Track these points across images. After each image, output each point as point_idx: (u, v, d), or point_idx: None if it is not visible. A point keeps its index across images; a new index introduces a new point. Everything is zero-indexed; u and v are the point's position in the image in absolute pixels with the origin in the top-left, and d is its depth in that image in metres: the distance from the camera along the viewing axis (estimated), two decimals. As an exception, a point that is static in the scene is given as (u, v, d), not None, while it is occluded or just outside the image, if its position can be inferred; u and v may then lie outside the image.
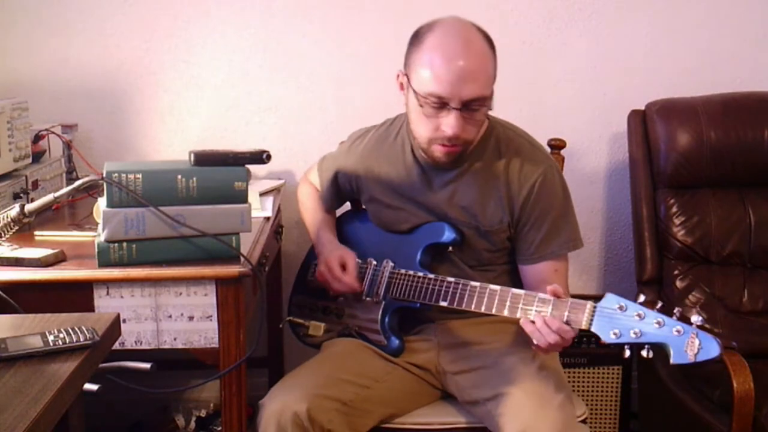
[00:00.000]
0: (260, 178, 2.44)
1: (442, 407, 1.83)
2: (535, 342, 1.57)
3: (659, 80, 2.45)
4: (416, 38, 1.69)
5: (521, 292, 1.62)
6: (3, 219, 1.61)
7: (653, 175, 2.33)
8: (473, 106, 1.63)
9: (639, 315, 1.46)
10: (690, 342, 1.41)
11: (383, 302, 1.81)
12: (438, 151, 1.70)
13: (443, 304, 1.71)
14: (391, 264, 1.82)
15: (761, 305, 2.24)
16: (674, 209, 2.29)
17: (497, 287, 1.66)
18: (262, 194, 2.24)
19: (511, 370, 1.70)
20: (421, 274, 1.76)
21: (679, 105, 2.31)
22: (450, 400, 1.84)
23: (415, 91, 1.65)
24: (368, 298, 1.83)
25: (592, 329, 1.50)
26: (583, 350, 2.29)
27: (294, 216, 2.53)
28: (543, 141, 2.13)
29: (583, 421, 1.78)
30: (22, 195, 1.92)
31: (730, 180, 2.29)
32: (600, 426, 2.35)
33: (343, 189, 1.98)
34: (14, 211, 1.61)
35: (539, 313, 1.57)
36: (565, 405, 1.62)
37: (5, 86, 2.38)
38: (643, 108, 2.37)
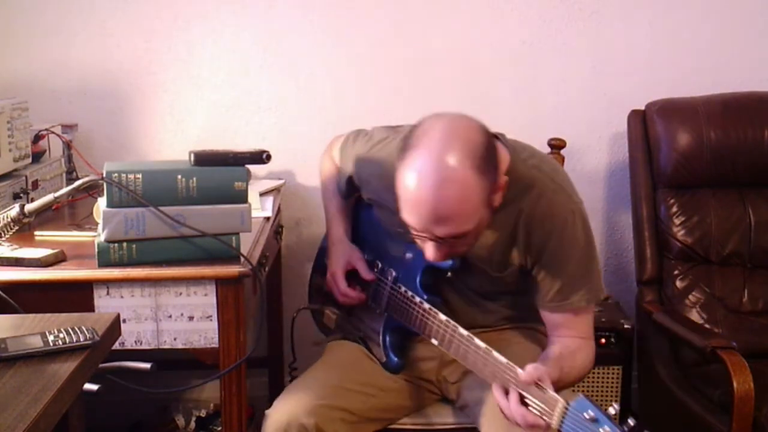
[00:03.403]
0: (260, 178, 2.44)
1: (441, 408, 1.83)
2: (500, 410, 1.45)
3: (659, 80, 2.45)
4: (406, 142, 1.47)
5: (503, 362, 1.46)
6: (3, 219, 1.61)
7: (653, 175, 2.33)
8: (455, 238, 1.46)
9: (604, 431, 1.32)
10: None
11: (384, 315, 1.77)
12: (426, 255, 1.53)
13: (434, 342, 1.62)
14: (393, 275, 1.75)
15: (761, 305, 2.24)
16: (674, 209, 2.29)
17: (482, 345, 1.51)
18: (262, 194, 2.23)
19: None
20: (417, 300, 1.66)
21: (679, 105, 2.31)
22: (450, 401, 1.84)
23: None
24: (372, 304, 1.80)
25: (562, 430, 1.37)
26: (583, 350, 2.29)
27: (294, 216, 2.53)
28: (543, 141, 2.14)
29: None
30: (22, 195, 1.91)
31: (730, 180, 2.29)
32: (600, 426, 2.34)
33: (358, 188, 1.86)
34: (14, 211, 1.61)
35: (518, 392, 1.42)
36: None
37: (5, 86, 2.38)
38: (643, 108, 2.37)
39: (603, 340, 2.27)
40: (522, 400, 1.41)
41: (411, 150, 1.44)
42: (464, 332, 1.56)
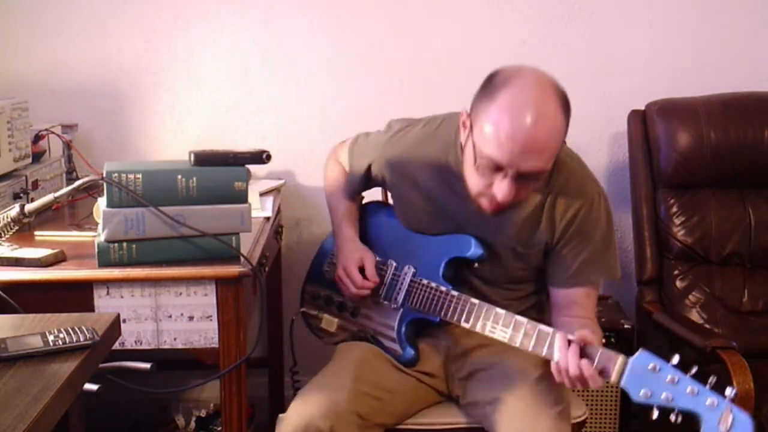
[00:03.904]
0: (260, 178, 2.44)
1: (443, 408, 1.83)
2: (555, 375, 1.51)
3: (659, 80, 2.45)
4: (489, 87, 1.55)
5: (549, 330, 1.54)
6: (3, 219, 1.61)
7: (653, 175, 2.33)
8: (530, 177, 1.54)
9: (672, 379, 1.40)
10: (723, 417, 1.35)
11: (401, 310, 1.78)
12: (485, 204, 1.60)
13: (465, 325, 1.65)
14: (412, 270, 1.77)
15: (761, 305, 2.24)
16: (674, 209, 2.29)
17: (524, 319, 1.58)
18: (262, 194, 2.24)
19: (512, 376, 1.67)
20: (444, 288, 1.71)
21: (679, 105, 2.31)
22: (451, 400, 1.84)
23: (474, 144, 1.55)
24: (386, 302, 1.80)
25: (622, 385, 1.43)
26: (583, 350, 2.29)
27: (294, 216, 2.53)
28: (543, 141, 2.14)
29: (583, 422, 1.78)
30: (22, 195, 1.91)
31: (730, 180, 2.29)
32: (600, 426, 2.35)
33: (374, 180, 1.89)
34: (14, 211, 1.61)
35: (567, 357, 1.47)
36: (561, 419, 1.59)
37: (5, 86, 2.38)
38: (643, 108, 2.37)
39: (603, 340, 2.26)
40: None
41: (501, 90, 1.51)
42: (501, 311, 1.62)
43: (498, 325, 1.61)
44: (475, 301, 1.66)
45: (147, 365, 1.58)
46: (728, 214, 2.27)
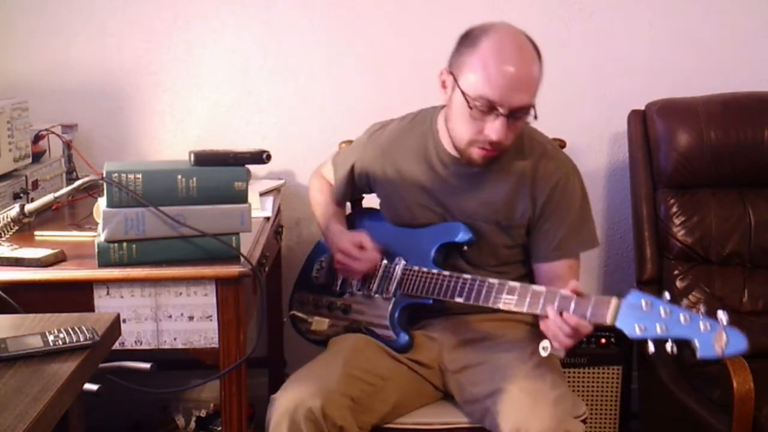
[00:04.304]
0: (260, 178, 2.44)
1: (442, 407, 1.83)
2: (551, 339, 1.56)
3: (659, 80, 2.45)
4: (468, 40, 1.70)
5: (542, 289, 1.60)
6: (3, 219, 1.61)
7: (653, 175, 2.33)
8: (519, 114, 1.66)
9: (666, 311, 1.45)
10: (717, 337, 1.39)
11: (393, 298, 1.82)
12: (476, 153, 1.71)
13: (459, 300, 1.71)
14: (403, 262, 1.83)
15: (761, 305, 2.24)
16: (674, 209, 2.29)
17: (517, 284, 1.64)
18: (262, 194, 2.24)
19: (509, 366, 1.69)
20: (435, 270, 1.76)
21: (679, 105, 2.31)
22: (450, 400, 1.84)
23: (463, 92, 1.65)
24: (377, 295, 1.84)
25: (617, 325, 1.49)
26: (583, 350, 2.29)
27: (294, 216, 2.53)
28: (543, 141, 2.14)
29: (583, 421, 1.78)
30: (22, 195, 1.92)
31: (730, 180, 2.29)
32: (600, 426, 2.35)
33: (358, 182, 1.97)
34: (14, 211, 1.61)
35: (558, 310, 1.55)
36: (561, 402, 1.61)
37: (5, 86, 2.38)
38: (643, 108, 2.37)
39: (603, 340, 2.27)
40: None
41: (481, 38, 1.67)
42: (494, 280, 1.67)
43: (492, 293, 1.66)
44: (467, 276, 1.72)
45: (147, 365, 1.58)
46: (728, 214, 2.27)
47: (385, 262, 1.85)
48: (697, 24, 2.46)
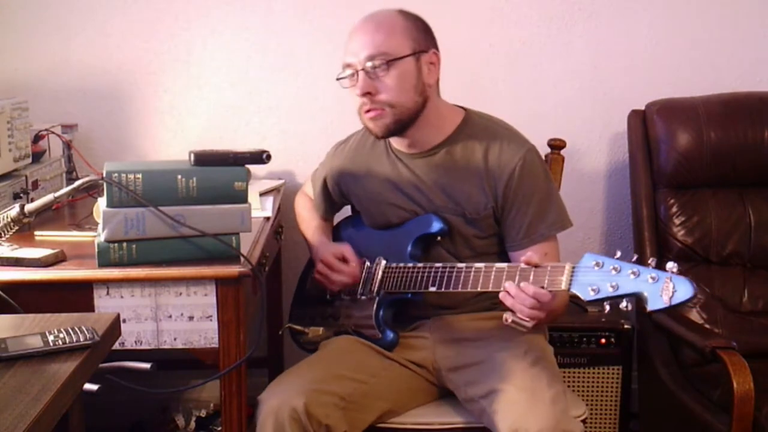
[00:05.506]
0: (260, 178, 2.44)
1: (441, 407, 1.83)
2: (518, 314, 1.58)
3: (659, 80, 2.45)
4: None
5: (504, 265, 1.64)
6: (3, 219, 1.61)
7: (653, 175, 2.33)
8: (376, 64, 1.70)
9: (615, 269, 1.46)
10: (665, 287, 1.39)
11: (377, 297, 1.83)
12: (366, 119, 1.76)
13: (432, 289, 1.73)
14: (384, 261, 1.84)
15: (761, 305, 2.24)
16: (674, 209, 2.29)
17: (482, 264, 1.68)
18: (262, 194, 2.24)
19: (504, 365, 1.69)
20: (410, 264, 1.79)
21: (679, 105, 2.31)
22: (449, 399, 1.84)
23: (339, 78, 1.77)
24: (363, 297, 1.85)
25: (572, 290, 1.51)
26: (583, 350, 2.29)
27: (294, 216, 2.53)
28: (543, 141, 2.14)
29: (583, 421, 1.78)
30: (22, 195, 1.92)
31: (730, 180, 2.29)
32: (600, 426, 2.35)
33: (333, 193, 2.01)
34: (14, 211, 1.61)
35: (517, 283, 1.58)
36: (558, 400, 1.61)
37: (5, 86, 2.38)
38: (643, 108, 2.37)
39: (603, 340, 2.27)
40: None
41: None
42: (462, 264, 1.71)
43: (461, 276, 1.69)
44: (438, 264, 1.74)
45: (147, 365, 1.58)
46: (728, 214, 2.27)
47: (367, 264, 1.87)
48: (697, 24, 2.46)
